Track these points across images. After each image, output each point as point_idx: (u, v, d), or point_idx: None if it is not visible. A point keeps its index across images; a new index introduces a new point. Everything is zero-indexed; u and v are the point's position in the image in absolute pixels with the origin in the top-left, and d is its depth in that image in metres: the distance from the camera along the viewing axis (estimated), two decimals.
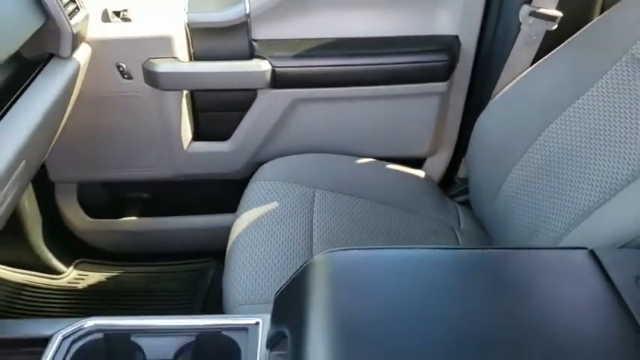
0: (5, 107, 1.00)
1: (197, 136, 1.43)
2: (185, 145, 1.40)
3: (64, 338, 0.77)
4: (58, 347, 0.76)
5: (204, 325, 0.80)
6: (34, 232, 1.44)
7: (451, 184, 1.50)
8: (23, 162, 0.97)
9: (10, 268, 1.43)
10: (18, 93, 1.05)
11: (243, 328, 0.79)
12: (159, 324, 0.80)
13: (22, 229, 1.42)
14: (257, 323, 0.80)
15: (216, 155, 1.43)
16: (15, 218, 1.39)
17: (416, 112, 1.38)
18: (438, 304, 0.66)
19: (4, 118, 0.97)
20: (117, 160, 1.43)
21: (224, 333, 0.79)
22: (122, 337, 0.79)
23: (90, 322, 0.79)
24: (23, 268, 1.45)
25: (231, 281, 1.04)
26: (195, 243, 1.54)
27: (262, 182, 1.27)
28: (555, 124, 1.08)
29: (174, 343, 0.79)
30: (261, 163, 1.37)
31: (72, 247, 1.52)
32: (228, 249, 1.14)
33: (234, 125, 1.40)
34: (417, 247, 0.74)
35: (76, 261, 1.53)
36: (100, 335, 0.79)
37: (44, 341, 0.77)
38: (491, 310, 0.66)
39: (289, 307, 0.72)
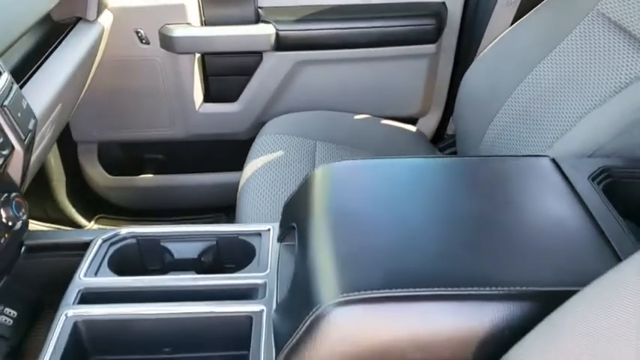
0: (39, 62, 1.13)
1: (208, 98, 1.56)
2: (197, 105, 1.53)
3: (104, 241, 0.90)
4: (98, 249, 0.89)
5: (223, 231, 0.93)
6: (59, 188, 1.57)
7: (441, 141, 1.63)
8: (60, 105, 1.10)
9: (37, 222, 1.56)
10: (50, 50, 1.18)
11: (257, 234, 0.92)
12: (184, 230, 0.93)
13: (49, 186, 1.55)
14: (269, 229, 0.93)
15: (225, 115, 1.56)
16: (42, 176, 1.52)
17: (407, 73, 1.52)
18: (421, 198, 0.79)
19: (40, 70, 1.10)
20: (134, 121, 1.56)
21: (241, 237, 0.92)
22: (153, 241, 0.92)
23: (125, 230, 0.92)
24: (49, 222, 1.58)
25: (244, 210, 1.17)
26: (206, 199, 1.67)
27: (268, 136, 1.40)
28: (532, 75, 1.21)
29: (198, 246, 0.92)
30: (266, 123, 1.50)
31: (93, 203, 1.65)
32: (239, 190, 1.26)
33: (241, 87, 1.53)
34: (404, 156, 0.87)
35: (97, 216, 1.66)
36: (133, 240, 0.91)
37: (86, 245, 0.90)
38: (468, 200, 0.79)
39: (296, 208, 0.85)
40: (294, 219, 0.84)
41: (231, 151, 1.62)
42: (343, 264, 0.67)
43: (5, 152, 0.77)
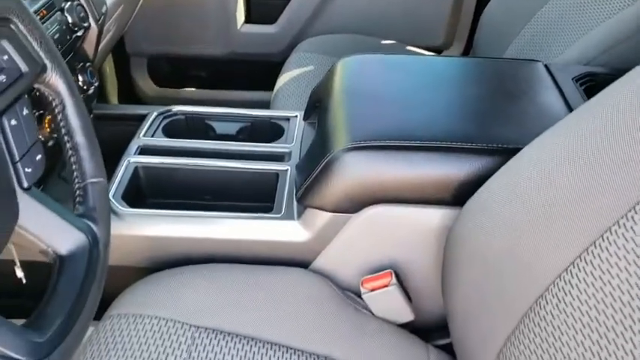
0: None
1: (248, 20, 1.72)
2: (239, 25, 1.69)
3: (158, 114, 1.07)
4: (154, 120, 1.06)
5: (258, 115, 1.10)
6: (112, 94, 1.76)
7: None
8: (122, 6, 1.26)
9: None
10: None
11: (286, 118, 1.08)
12: (225, 112, 1.09)
13: (104, 91, 1.73)
14: (296, 116, 1.09)
15: (264, 36, 1.72)
16: (99, 82, 1.70)
17: (434, 4, 1.64)
18: (425, 82, 0.93)
19: None
20: (181, 37, 1.72)
21: (272, 120, 1.08)
22: (199, 119, 1.09)
23: (176, 108, 1.09)
24: None
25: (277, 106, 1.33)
26: None
27: (301, 53, 1.55)
28: (547, 5, 1.32)
29: (236, 126, 1.09)
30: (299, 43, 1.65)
31: None
32: (272, 97, 1.43)
33: (279, 11, 1.68)
34: (417, 55, 1.02)
35: None
36: (182, 117, 1.09)
37: (143, 117, 1.07)
38: (465, 86, 0.93)
39: (320, 91, 1.01)
40: (318, 100, 1.00)
41: (266, 71, 1.77)
42: (353, 122, 0.82)
43: (85, 25, 0.94)
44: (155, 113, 1.07)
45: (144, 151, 0.98)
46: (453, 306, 0.76)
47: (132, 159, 0.95)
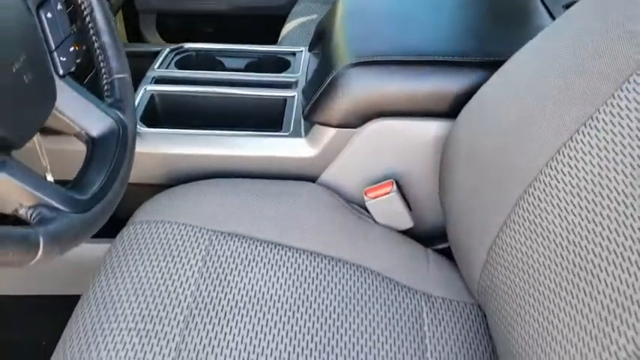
0: None
1: None
2: None
3: (171, 50, 1.13)
4: (167, 55, 1.12)
5: (265, 51, 1.15)
6: None
7: None
8: None
9: None
10: None
11: (292, 53, 1.14)
12: (234, 48, 1.15)
13: None
14: (302, 50, 1.14)
15: None
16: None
17: None
18: (427, 6, 0.98)
19: None
20: None
21: (279, 55, 1.14)
22: (209, 55, 1.14)
23: (187, 45, 1.15)
24: None
25: None
26: None
27: (305, 4, 1.60)
28: None
29: (244, 61, 1.14)
30: None
31: None
32: (279, 41, 1.48)
33: None
34: None
35: None
36: (193, 53, 1.14)
37: (155, 54, 1.13)
38: (463, 8, 0.98)
39: (325, 22, 1.06)
40: (322, 31, 1.05)
41: (271, 24, 1.82)
42: (357, 41, 0.88)
43: None
44: (167, 49, 1.13)
45: (159, 81, 1.03)
46: (449, 208, 0.82)
47: (148, 87, 1.01)
